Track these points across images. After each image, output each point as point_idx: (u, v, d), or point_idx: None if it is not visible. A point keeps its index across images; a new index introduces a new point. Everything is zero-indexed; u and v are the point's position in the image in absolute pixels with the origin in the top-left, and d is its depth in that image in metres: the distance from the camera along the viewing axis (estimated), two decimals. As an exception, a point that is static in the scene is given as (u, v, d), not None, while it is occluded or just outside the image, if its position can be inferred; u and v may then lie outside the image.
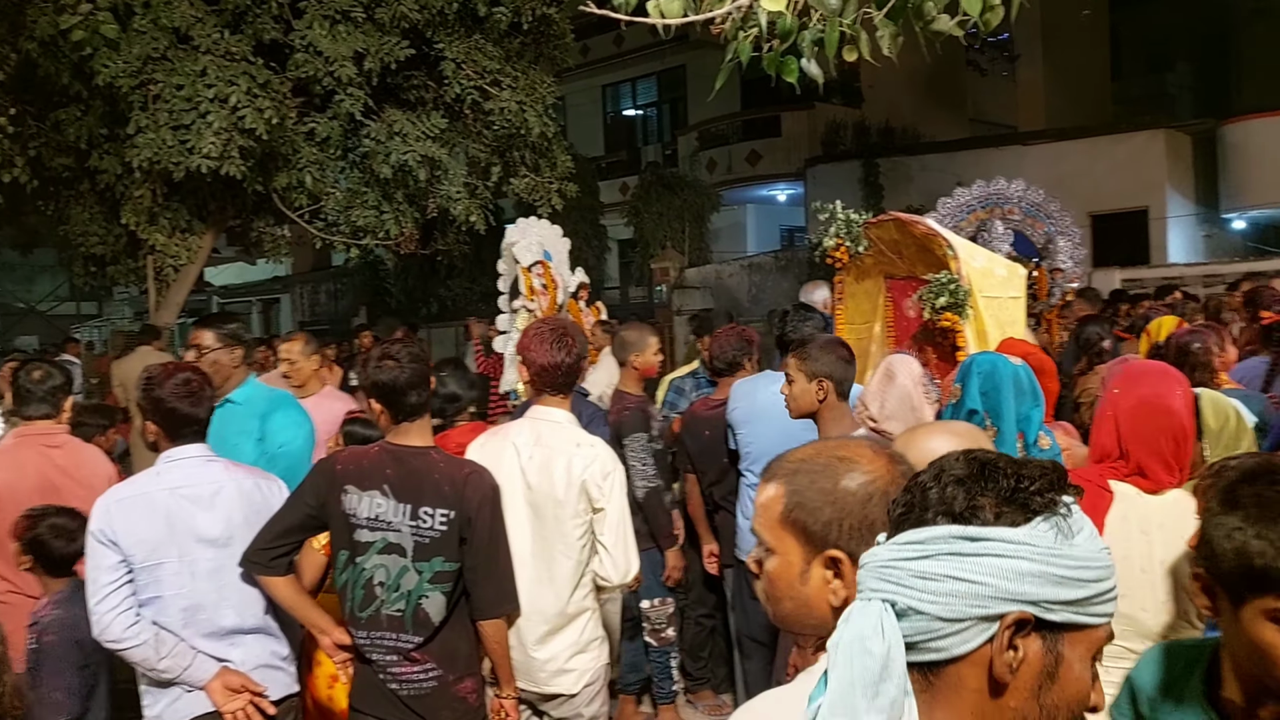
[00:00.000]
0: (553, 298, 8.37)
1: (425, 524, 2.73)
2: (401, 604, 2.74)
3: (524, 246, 8.56)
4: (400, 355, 2.81)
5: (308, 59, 9.21)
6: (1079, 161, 17.05)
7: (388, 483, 2.75)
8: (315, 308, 26.60)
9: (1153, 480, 2.39)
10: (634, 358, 4.75)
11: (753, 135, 22.05)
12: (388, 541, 2.74)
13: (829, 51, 2.94)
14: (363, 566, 2.76)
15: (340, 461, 2.84)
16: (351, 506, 2.76)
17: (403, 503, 2.74)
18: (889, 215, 5.39)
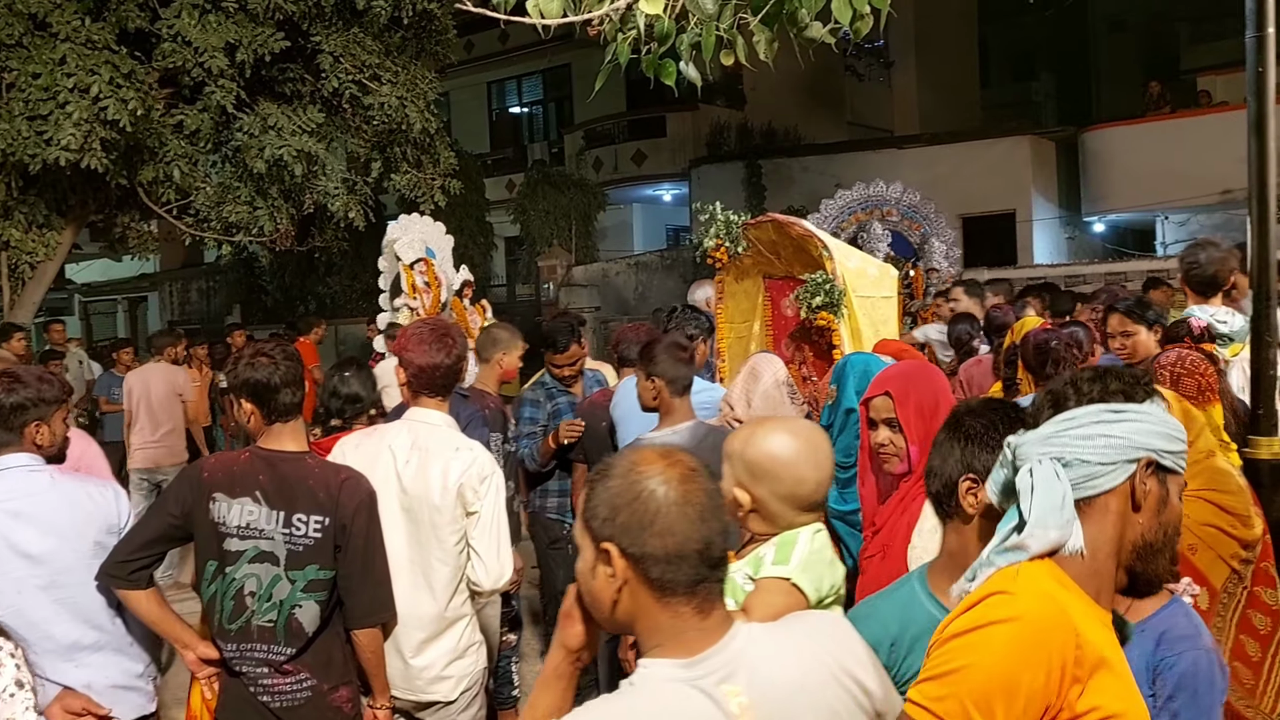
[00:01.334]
0: (435, 296, 8.29)
1: (299, 531, 2.65)
2: (273, 614, 2.67)
3: (406, 244, 8.48)
4: (274, 353, 2.73)
5: (176, 49, 8.87)
6: (950, 165, 17.68)
7: (259, 489, 2.67)
8: (186, 306, 25.59)
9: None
10: (501, 356, 4.73)
11: (638, 135, 22.17)
12: (259, 550, 2.66)
13: (706, 55, 2.98)
14: (233, 577, 2.67)
15: (207, 469, 2.74)
16: (220, 515, 2.67)
17: (275, 509, 2.66)
18: (767, 216, 5.49)
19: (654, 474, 1.40)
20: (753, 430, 2.23)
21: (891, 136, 21.72)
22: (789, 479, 2.14)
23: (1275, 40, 3.60)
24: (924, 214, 9.63)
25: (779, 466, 2.15)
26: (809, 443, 2.19)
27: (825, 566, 2.18)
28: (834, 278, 4.86)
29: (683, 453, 1.46)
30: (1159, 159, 16.80)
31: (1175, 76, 23.58)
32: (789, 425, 2.26)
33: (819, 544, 2.19)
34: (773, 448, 2.16)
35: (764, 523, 2.20)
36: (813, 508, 2.20)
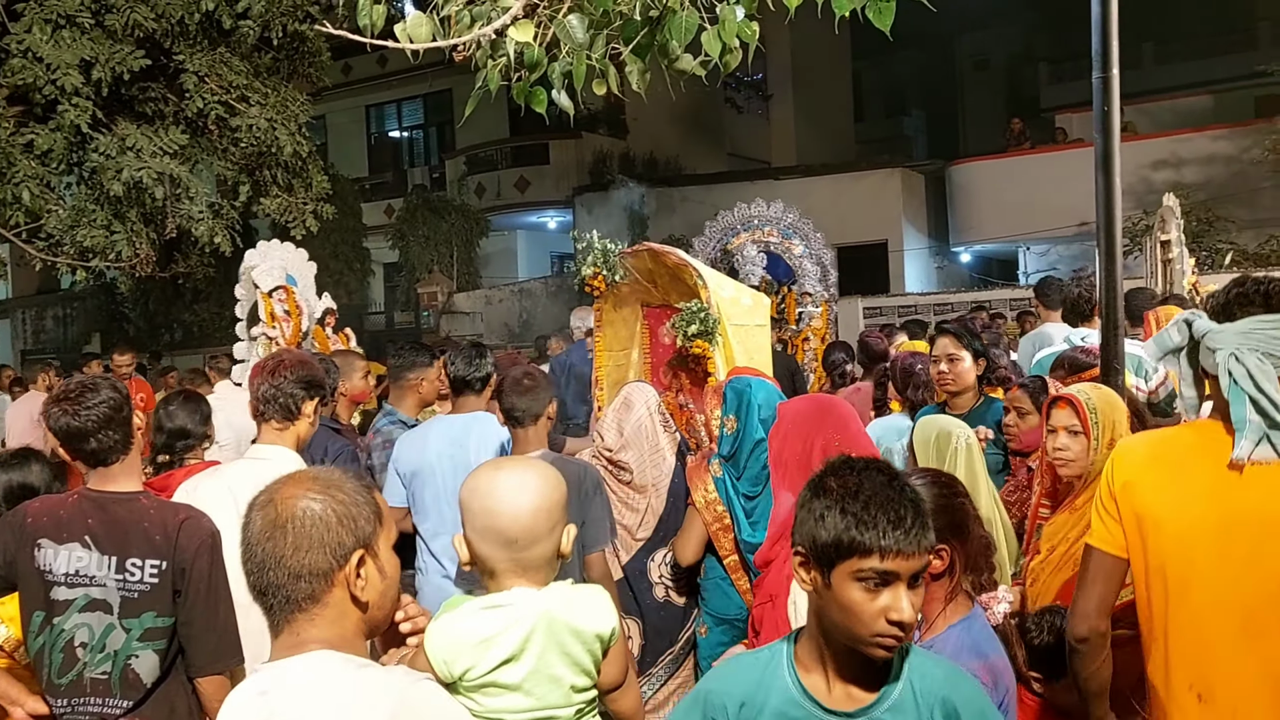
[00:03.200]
0: (296, 324, 8.10)
1: (134, 577, 2.49)
2: (107, 665, 2.50)
3: (264, 271, 8.28)
4: (79, 399, 2.55)
5: (26, 65, 8.41)
6: (825, 196, 18.17)
7: (89, 533, 2.50)
8: (41, 334, 24.26)
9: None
10: (343, 384, 4.62)
11: (522, 162, 22.12)
12: (90, 598, 2.49)
13: (578, 84, 2.96)
14: (61, 627, 2.49)
15: (31, 514, 2.55)
16: (46, 562, 2.49)
17: (107, 554, 2.50)
18: (643, 246, 5.50)
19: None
20: (484, 472, 2.07)
21: (769, 168, 22.23)
22: (481, 510, 1.98)
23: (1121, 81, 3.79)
24: (803, 234, 9.68)
25: (473, 498, 2.00)
26: (514, 475, 2.01)
27: (469, 649, 1.94)
28: (709, 306, 4.89)
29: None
30: (1021, 192, 17.62)
31: (1035, 114, 24.86)
32: (498, 461, 2.14)
33: (482, 622, 1.96)
34: (470, 481, 2.04)
35: (483, 575, 2.02)
36: (518, 548, 1.96)
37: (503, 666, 1.94)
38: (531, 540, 1.97)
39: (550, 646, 1.97)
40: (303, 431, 3.03)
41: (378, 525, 1.56)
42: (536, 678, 1.96)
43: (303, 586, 1.49)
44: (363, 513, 1.54)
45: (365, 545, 1.53)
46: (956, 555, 2.13)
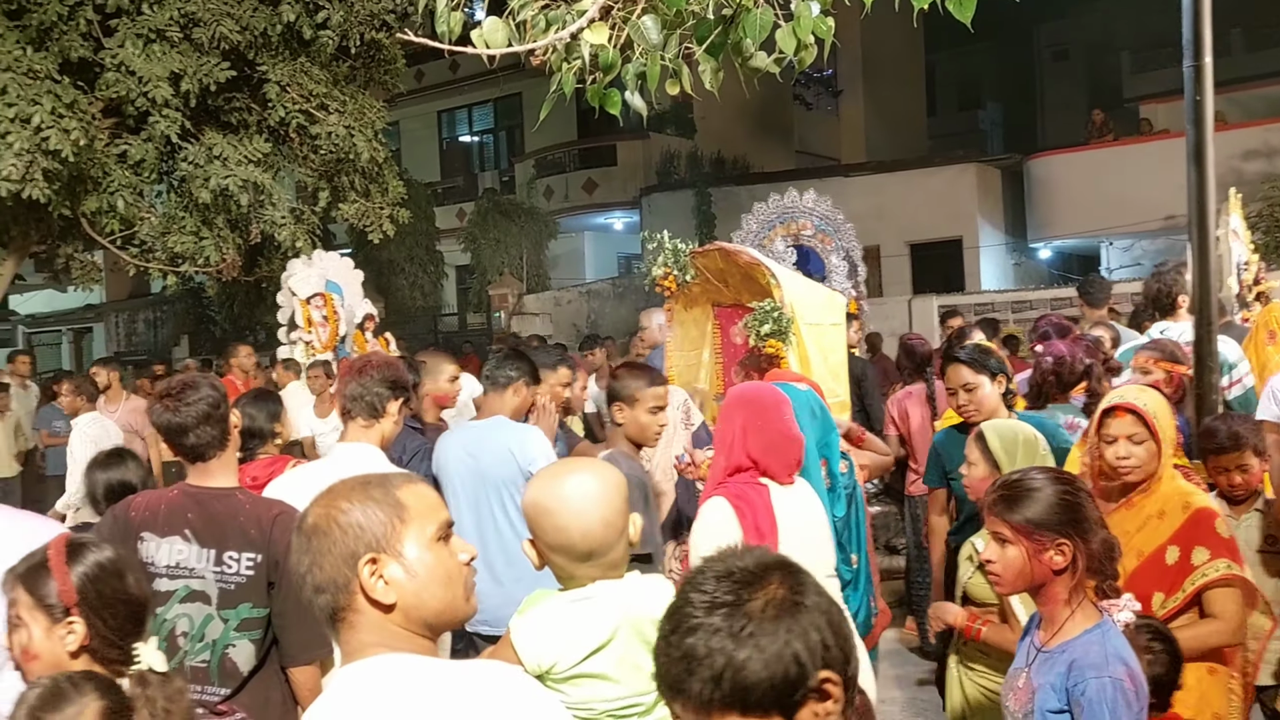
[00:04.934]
0: (333, 329, 8.54)
1: (230, 569, 2.58)
2: (206, 654, 2.59)
3: (300, 279, 8.88)
4: (180, 395, 2.65)
5: (119, 79, 8.75)
6: (897, 193, 17.95)
7: (189, 527, 2.60)
8: (133, 337, 25.13)
9: (779, 480, 2.96)
10: (426, 383, 4.70)
11: (589, 164, 22.26)
12: (190, 589, 2.59)
13: (651, 85, 2.99)
14: (164, 617, 2.59)
15: (135, 508, 2.66)
16: (149, 554, 2.59)
17: (206, 548, 2.59)
18: (714, 245, 5.52)
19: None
20: (531, 480, 2.15)
21: (839, 165, 22.02)
22: (551, 529, 2.03)
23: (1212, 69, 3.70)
24: (836, 225, 9.16)
25: (540, 516, 2.05)
26: (574, 488, 2.04)
27: (558, 641, 1.99)
28: (781, 305, 4.89)
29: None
30: (1103, 186, 17.18)
31: (1118, 105, 24.18)
32: (558, 470, 2.17)
33: (568, 616, 2.02)
34: (533, 495, 2.08)
35: (557, 577, 2.08)
36: (593, 558, 2.02)
37: (591, 657, 1.99)
38: (606, 549, 2.03)
39: (633, 635, 2.02)
40: (387, 430, 3.12)
41: (399, 524, 1.55)
42: (623, 666, 2.01)
43: (327, 599, 1.53)
44: (373, 516, 1.54)
45: (379, 548, 1.52)
46: (1078, 552, 2.11)
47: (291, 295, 9.07)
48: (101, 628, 1.93)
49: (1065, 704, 2.05)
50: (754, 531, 2.80)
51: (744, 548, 1.34)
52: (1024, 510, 2.13)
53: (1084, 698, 2.00)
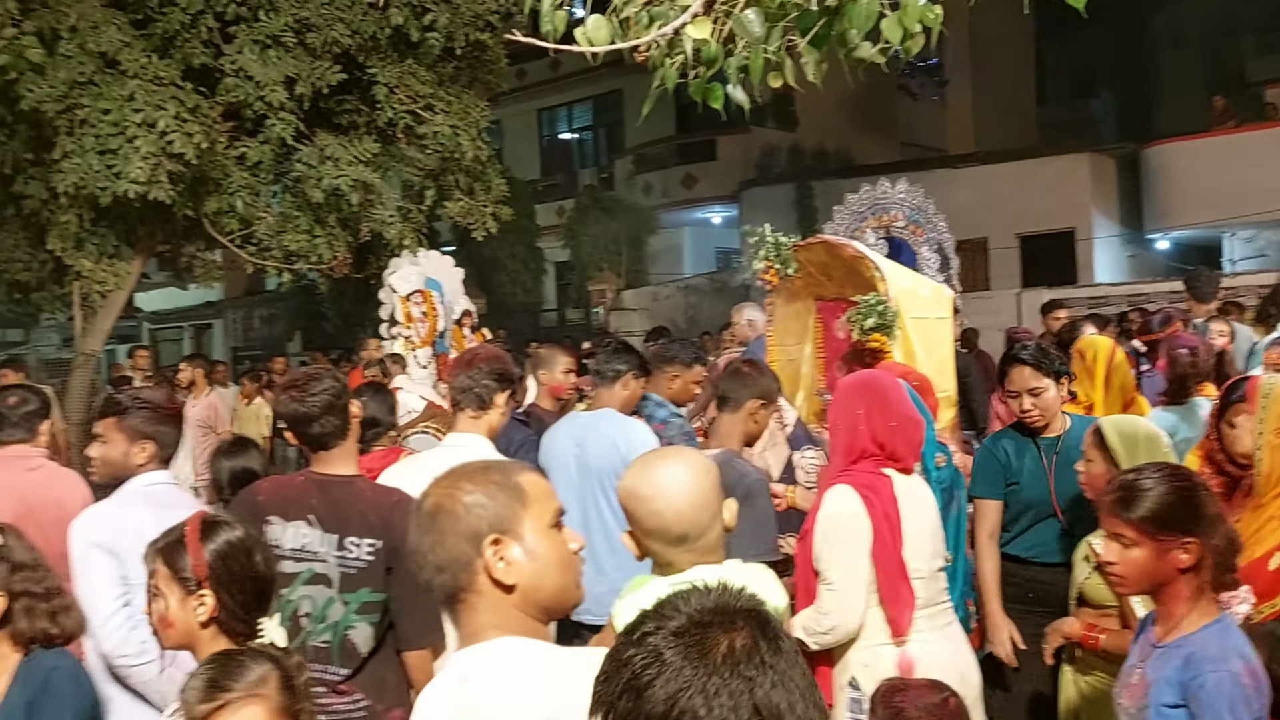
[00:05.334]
0: (431, 325, 8.97)
1: (351, 554, 2.68)
2: (328, 635, 2.69)
3: (400, 277, 9.20)
4: (305, 386, 2.76)
5: (238, 84, 9.11)
6: (1006, 184, 17.49)
7: (313, 512, 2.71)
8: (249, 333, 26.13)
9: (905, 464, 2.97)
10: (541, 374, 4.77)
11: (688, 159, 22.24)
12: (314, 572, 2.69)
13: (754, 78, 2.99)
14: (288, 599, 2.70)
15: (262, 492, 2.79)
16: (275, 537, 2.71)
17: (329, 533, 2.69)
18: (817, 238, 5.48)
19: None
20: (625, 470, 2.17)
21: (946, 156, 21.55)
22: (645, 514, 2.06)
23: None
24: (926, 216, 8.82)
25: (633, 502, 2.08)
26: (665, 473, 2.07)
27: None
28: (887, 299, 4.83)
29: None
30: (1225, 174, 16.43)
31: (1241, 90, 23.07)
32: (650, 459, 2.19)
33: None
34: (627, 483, 2.11)
35: (656, 565, 2.10)
36: (687, 542, 2.03)
37: None
38: (700, 532, 2.04)
39: None
40: (495, 421, 3.19)
41: (520, 508, 1.59)
42: None
43: (447, 579, 1.56)
44: (496, 498, 1.58)
45: (502, 529, 1.56)
46: (1206, 550, 2.05)
47: (392, 292, 9.40)
48: (229, 602, 2.05)
49: (1181, 698, 2.00)
50: (883, 520, 2.78)
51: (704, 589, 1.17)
52: (1145, 510, 2.08)
53: (1202, 691, 1.95)
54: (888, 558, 2.79)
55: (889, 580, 2.79)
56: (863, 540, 2.78)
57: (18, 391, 4.07)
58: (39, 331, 25.23)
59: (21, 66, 8.31)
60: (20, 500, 3.74)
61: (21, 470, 3.83)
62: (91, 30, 8.63)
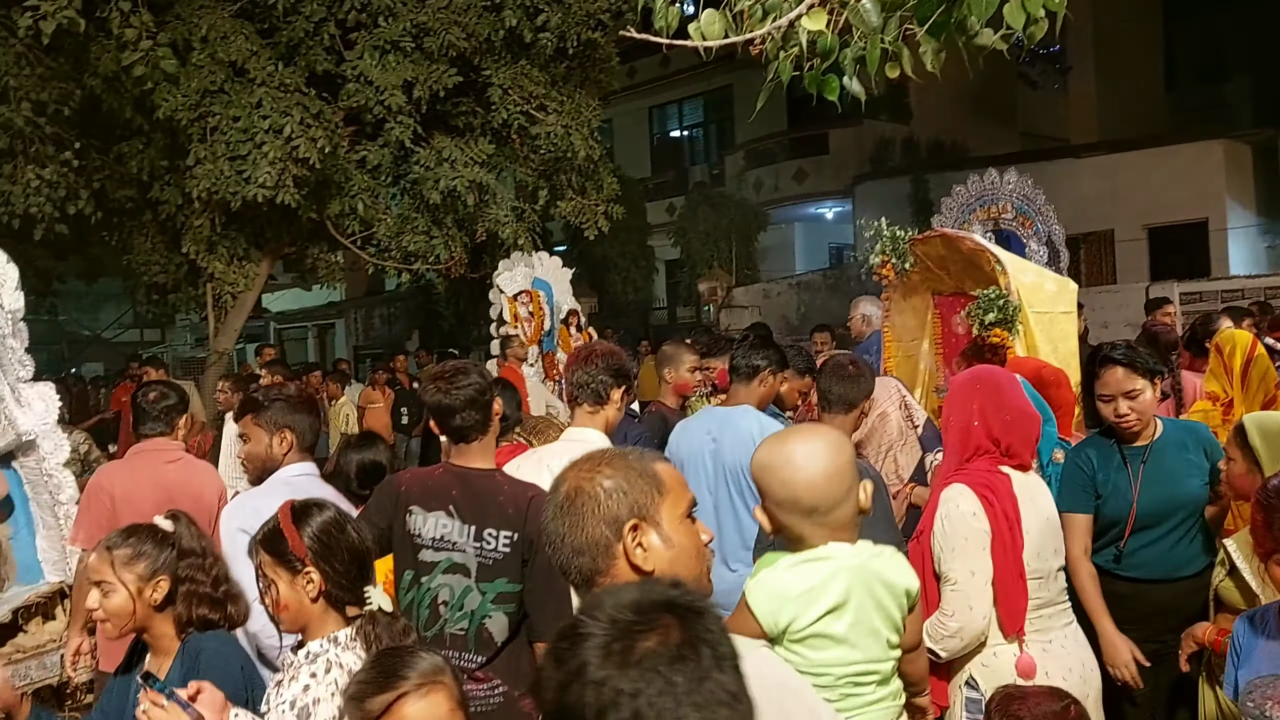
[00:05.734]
0: (537, 323, 9.31)
1: (489, 545, 2.73)
2: (465, 623, 2.75)
3: (507, 278, 9.50)
4: (451, 379, 2.83)
5: (359, 89, 9.40)
6: (1134, 173, 16.79)
7: (453, 503, 2.77)
8: (369, 332, 26.95)
9: (1022, 460, 2.88)
10: (667, 372, 4.76)
11: (800, 153, 22.01)
12: (452, 561, 2.76)
13: (871, 69, 2.94)
14: (428, 586, 2.78)
15: (404, 483, 2.87)
16: (416, 527, 2.78)
17: (467, 523, 2.75)
18: (935, 231, 5.36)
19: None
20: (757, 446, 2.16)
21: (1068, 145, 20.80)
22: (777, 484, 2.03)
23: None
24: (1035, 207, 8.29)
25: (766, 473, 2.06)
26: (796, 444, 2.05)
27: (792, 600, 1.99)
28: (1008, 293, 4.69)
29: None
30: (1372, 159, 15.46)
31: (1392, 69, 21.64)
32: (782, 433, 2.18)
33: (802, 574, 2.01)
34: (759, 456, 2.09)
35: (788, 540, 2.08)
36: (819, 514, 2.01)
37: (828, 616, 1.99)
38: (832, 505, 2.02)
39: (868, 599, 2.02)
40: (611, 416, 3.22)
41: (657, 496, 1.59)
42: (859, 629, 2.01)
43: (585, 561, 1.56)
44: (636, 484, 1.58)
45: (641, 515, 1.56)
46: None
47: (500, 293, 9.68)
48: (333, 574, 2.14)
49: None
50: (1002, 519, 2.71)
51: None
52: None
53: None
54: (1007, 557, 2.71)
55: (1006, 580, 2.71)
56: (983, 539, 2.71)
57: (157, 387, 4.29)
58: (175, 331, 26.55)
59: (157, 77, 8.73)
60: (161, 490, 3.96)
61: (161, 462, 4.06)
62: (221, 41, 9.02)
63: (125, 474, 4.03)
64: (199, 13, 9.13)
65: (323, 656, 2.11)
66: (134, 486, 3.94)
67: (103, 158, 10.42)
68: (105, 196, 10.48)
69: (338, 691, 1.99)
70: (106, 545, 2.36)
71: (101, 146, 10.41)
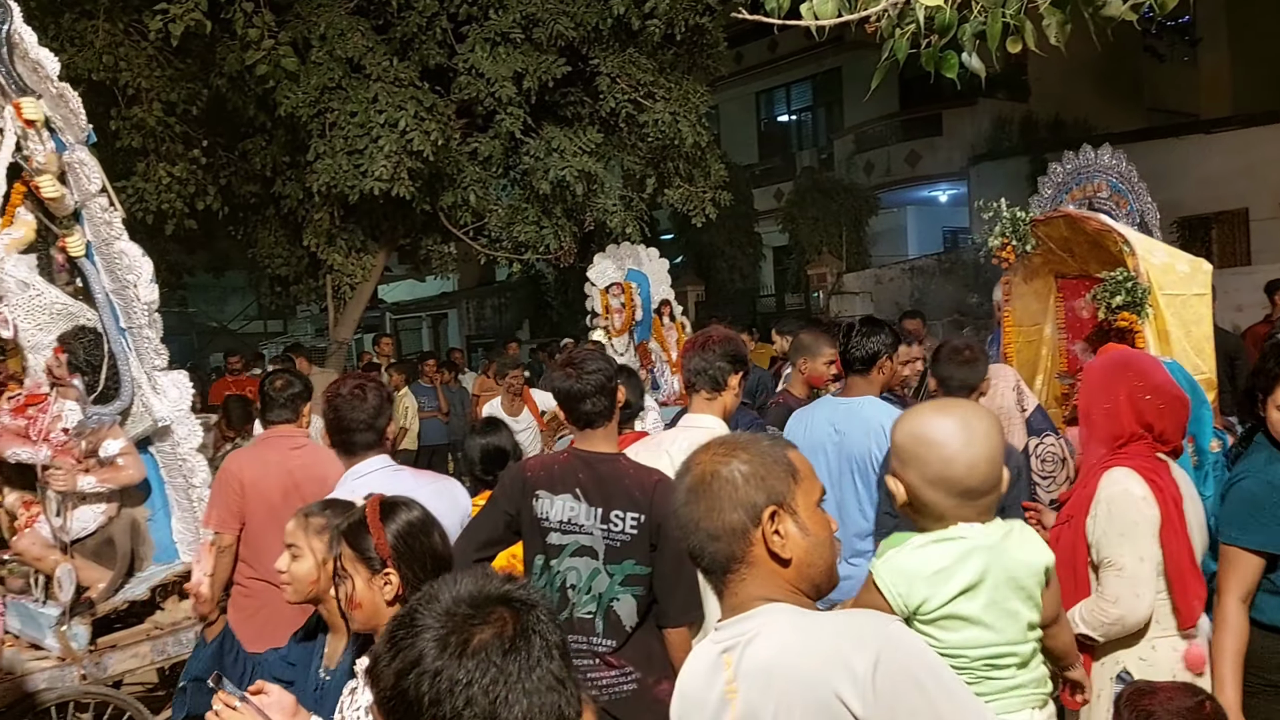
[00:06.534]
0: (628, 316, 9.55)
1: (616, 527, 2.76)
2: (592, 606, 2.78)
3: (598, 271, 9.78)
4: (581, 366, 2.87)
5: (470, 81, 9.55)
6: (1270, 149, 15.88)
7: (579, 486, 2.81)
8: (481, 322, 27.47)
9: (1175, 446, 2.76)
10: (801, 362, 4.67)
11: (912, 135, 21.52)
12: (580, 544, 2.79)
13: (991, 44, 2.85)
14: (557, 569, 2.81)
15: (529, 468, 2.91)
16: (543, 510, 2.82)
17: (594, 506, 2.78)
18: (1059, 212, 5.17)
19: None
20: (905, 414, 2.09)
21: (1198, 120, 19.81)
22: (935, 460, 1.95)
23: None
24: (1130, 185, 7.80)
25: (922, 447, 1.97)
26: (961, 421, 1.97)
27: (923, 580, 1.95)
28: (1137, 275, 4.49)
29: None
30: None
31: None
32: (942, 405, 2.10)
33: (934, 554, 1.97)
34: (916, 427, 2.00)
35: (922, 516, 2.02)
36: (972, 496, 1.96)
37: (961, 597, 1.94)
38: (988, 489, 1.97)
39: (1004, 579, 1.96)
40: (729, 403, 3.20)
41: (792, 483, 1.56)
42: (995, 610, 1.95)
43: (721, 547, 1.55)
44: (773, 471, 1.56)
45: (778, 502, 1.54)
46: None
47: (592, 285, 9.88)
48: (412, 579, 2.05)
49: None
50: (1171, 505, 2.59)
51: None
52: None
53: None
54: (1177, 544, 2.58)
55: (1180, 569, 2.57)
56: (1153, 525, 2.58)
57: (282, 375, 4.44)
58: (295, 322, 27.53)
59: (278, 75, 9.04)
60: (289, 476, 4.10)
61: (287, 449, 4.20)
62: (339, 38, 9.28)
63: (254, 460, 4.19)
64: (317, 11, 9.41)
65: None
66: (262, 472, 4.10)
67: (228, 155, 10.86)
68: (231, 192, 10.92)
69: None
70: (304, 513, 2.42)
71: (227, 144, 10.86)
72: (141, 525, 4.63)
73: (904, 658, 1.43)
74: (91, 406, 4.35)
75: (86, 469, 4.29)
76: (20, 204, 4.35)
